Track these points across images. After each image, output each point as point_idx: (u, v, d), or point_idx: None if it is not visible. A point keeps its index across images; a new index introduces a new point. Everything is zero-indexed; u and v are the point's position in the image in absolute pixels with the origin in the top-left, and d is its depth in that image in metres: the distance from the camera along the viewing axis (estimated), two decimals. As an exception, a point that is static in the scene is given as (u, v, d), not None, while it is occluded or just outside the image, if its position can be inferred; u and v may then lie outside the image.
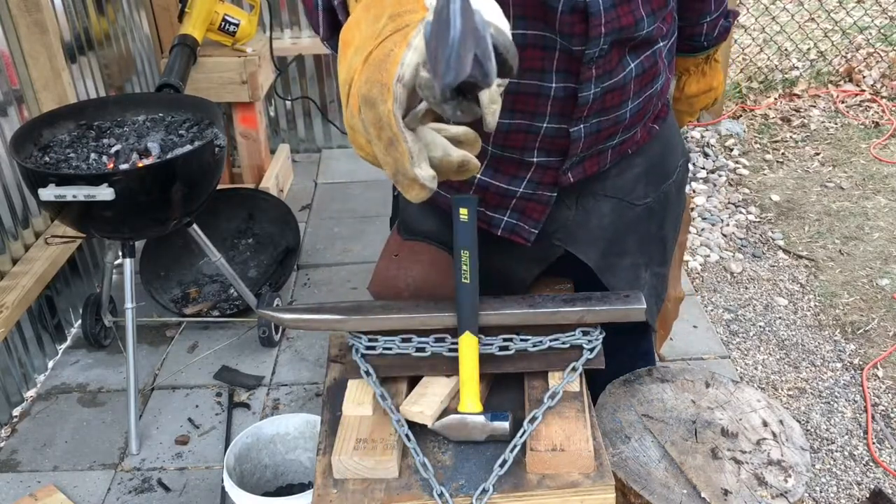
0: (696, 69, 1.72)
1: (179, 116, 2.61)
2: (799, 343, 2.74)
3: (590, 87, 1.30)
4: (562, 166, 1.39)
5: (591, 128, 1.35)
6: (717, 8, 1.60)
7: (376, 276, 1.56)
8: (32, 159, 2.36)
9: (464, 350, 1.33)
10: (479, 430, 1.29)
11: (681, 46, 1.59)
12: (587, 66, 1.28)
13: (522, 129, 1.34)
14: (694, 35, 1.63)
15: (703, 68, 1.72)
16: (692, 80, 1.74)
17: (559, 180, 1.41)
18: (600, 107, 1.33)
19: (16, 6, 2.67)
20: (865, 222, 3.38)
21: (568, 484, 1.22)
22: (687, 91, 1.75)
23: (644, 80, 1.37)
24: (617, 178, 1.48)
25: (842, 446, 2.34)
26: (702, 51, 1.67)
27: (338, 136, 4.15)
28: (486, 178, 1.43)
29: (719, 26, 1.62)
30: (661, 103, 1.48)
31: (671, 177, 1.57)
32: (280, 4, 3.87)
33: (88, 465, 2.36)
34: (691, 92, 1.75)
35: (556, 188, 1.42)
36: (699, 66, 1.71)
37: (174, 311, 2.91)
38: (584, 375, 1.38)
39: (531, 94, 1.30)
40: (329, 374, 1.50)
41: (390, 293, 1.52)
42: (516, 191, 1.42)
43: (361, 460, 1.24)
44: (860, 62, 4.68)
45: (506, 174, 1.42)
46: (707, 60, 1.71)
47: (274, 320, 1.45)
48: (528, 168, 1.40)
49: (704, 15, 1.59)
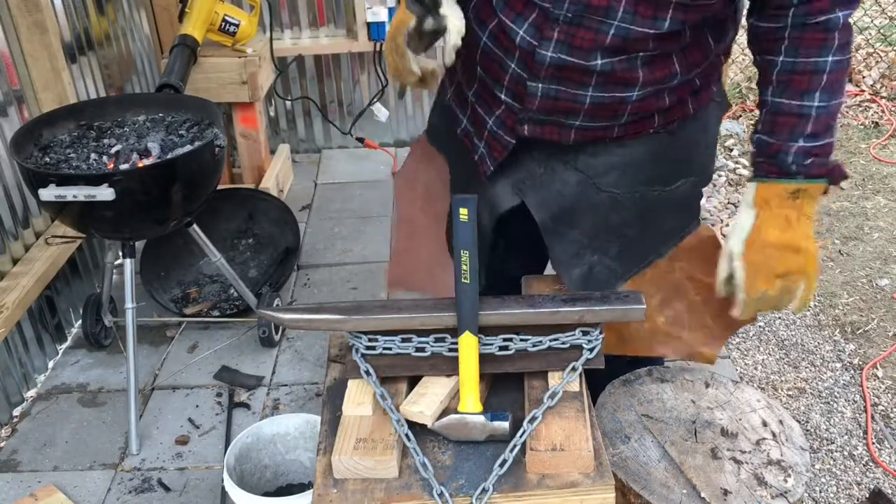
0: (778, 205, 1.37)
1: (179, 116, 2.61)
2: (799, 343, 2.75)
3: (548, 48, 1.37)
4: (519, 115, 1.47)
5: (549, 92, 1.41)
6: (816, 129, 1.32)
7: (402, 168, 1.85)
8: (33, 159, 2.37)
9: (464, 350, 1.33)
10: (479, 429, 1.30)
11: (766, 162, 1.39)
12: (551, 26, 1.35)
13: (497, 60, 1.46)
14: (779, 152, 1.37)
15: (787, 211, 1.36)
16: (769, 222, 1.38)
17: (515, 129, 1.49)
18: (557, 76, 1.40)
19: (16, 6, 2.67)
20: (865, 222, 3.38)
21: (568, 484, 1.23)
22: (764, 234, 1.38)
23: (611, 79, 1.38)
24: (591, 157, 1.51)
25: (841, 446, 2.34)
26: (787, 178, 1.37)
27: (338, 136, 4.15)
28: (474, 99, 1.57)
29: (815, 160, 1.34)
30: (659, 118, 1.47)
31: (659, 186, 1.54)
32: (280, 5, 3.87)
33: (88, 465, 2.36)
34: (766, 239, 1.38)
35: (515, 136, 1.50)
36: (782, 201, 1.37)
37: (174, 311, 2.91)
38: (584, 375, 1.38)
39: (507, 32, 1.41)
40: (329, 374, 1.51)
41: (408, 186, 1.82)
42: (488, 122, 1.54)
43: (361, 460, 1.24)
44: (860, 62, 4.68)
45: (484, 102, 1.54)
46: (794, 198, 1.36)
47: (274, 320, 1.45)
48: (498, 105, 1.50)
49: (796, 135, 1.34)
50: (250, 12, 3.40)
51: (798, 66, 1.33)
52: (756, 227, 1.39)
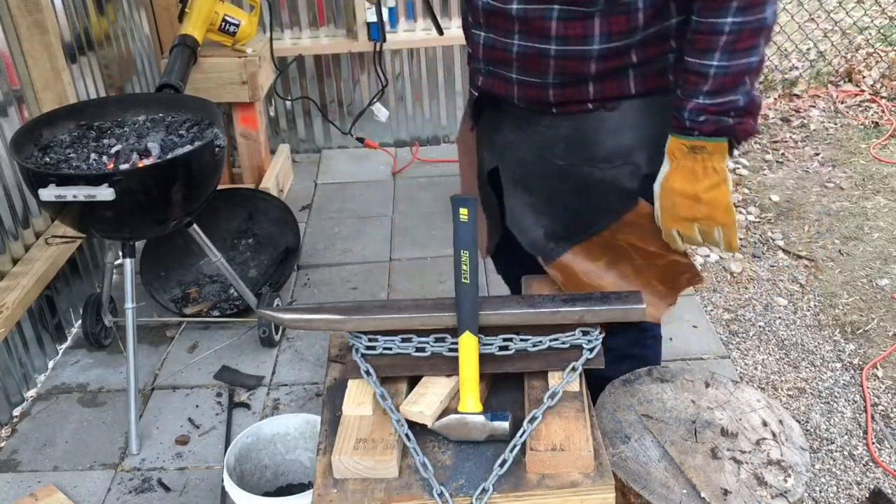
0: (682, 157, 1.45)
1: (179, 116, 2.61)
2: (799, 343, 2.75)
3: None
4: (473, 65, 1.62)
5: (488, 41, 1.53)
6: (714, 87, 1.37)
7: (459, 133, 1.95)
8: (33, 159, 2.37)
9: (464, 350, 1.33)
10: (479, 429, 1.30)
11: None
12: None
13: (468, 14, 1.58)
14: (679, 108, 1.43)
15: (691, 164, 1.44)
16: (675, 172, 1.47)
17: (475, 80, 1.64)
18: (489, 22, 1.50)
19: (16, 6, 2.67)
20: (865, 222, 3.38)
21: (568, 484, 1.23)
22: (671, 182, 1.48)
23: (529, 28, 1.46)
24: (546, 128, 1.60)
25: (841, 446, 2.34)
26: (684, 133, 1.43)
27: (338, 136, 4.15)
28: None
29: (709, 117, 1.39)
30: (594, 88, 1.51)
31: (599, 164, 1.58)
32: (280, 5, 3.87)
33: (89, 465, 2.36)
34: (672, 186, 1.47)
35: (477, 89, 1.64)
36: (684, 154, 1.44)
37: (174, 311, 2.92)
38: (584, 375, 1.38)
39: None
40: (329, 374, 1.51)
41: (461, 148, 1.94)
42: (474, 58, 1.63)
43: (361, 460, 1.24)
44: (860, 62, 4.68)
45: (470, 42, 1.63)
46: (694, 153, 1.43)
47: (274, 320, 1.45)
48: (477, 45, 1.59)
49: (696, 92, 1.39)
50: (250, 12, 3.40)
51: (701, 26, 1.37)
52: (667, 175, 1.48)
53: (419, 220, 3.52)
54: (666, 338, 2.75)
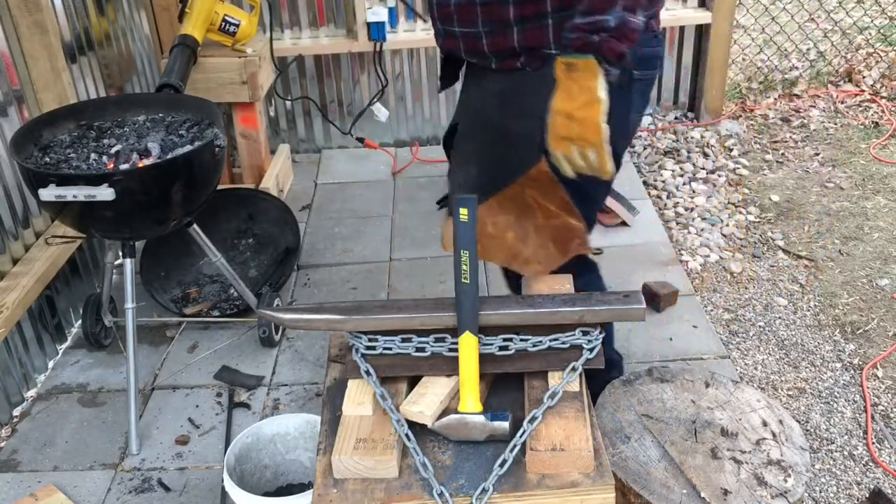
0: (563, 77, 1.50)
1: (179, 116, 2.61)
2: (799, 343, 2.75)
3: None
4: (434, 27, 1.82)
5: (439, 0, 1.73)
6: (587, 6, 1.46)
7: None
8: (33, 159, 2.37)
9: (464, 350, 1.33)
10: (479, 429, 1.30)
11: None
12: None
13: None
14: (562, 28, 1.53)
15: (569, 83, 1.49)
16: (558, 92, 1.51)
17: (437, 39, 1.84)
18: None
19: (16, 6, 2.67)
20: (865, 222, 3.38)
21: (568, 484, 1.23)
22: (554, 102, 1.52)
23: None
24: (490, 83, 1.80)
25: (841, 446, 2.34)
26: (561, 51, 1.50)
27: (338, 136, 4.15)
28: None
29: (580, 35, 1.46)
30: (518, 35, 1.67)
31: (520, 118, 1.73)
32: (280, 5, 3.87)
33: (89, 465, 2.36)
34: (554, 106, 1.52)
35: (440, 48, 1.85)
36: (564, 73, 1.50)
37: (174, 311, 2.92)
38: (584, 375, 1.38)
39: None
40: (329, 374, 1.51)
41: None
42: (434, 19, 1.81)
43: (361, 460, 1.24)
44: (860, 62, 4.68)
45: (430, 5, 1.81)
46: (570, 71, 1.48)
47: (274, 320, 1.45)
48: (432, 5, 1.78)
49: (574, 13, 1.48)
50: (250, 12, 3.40)
51: None
52: (553, 96, 1.53)
53: (419, 220, 3.52)
54: (666, 338, 2.76)
